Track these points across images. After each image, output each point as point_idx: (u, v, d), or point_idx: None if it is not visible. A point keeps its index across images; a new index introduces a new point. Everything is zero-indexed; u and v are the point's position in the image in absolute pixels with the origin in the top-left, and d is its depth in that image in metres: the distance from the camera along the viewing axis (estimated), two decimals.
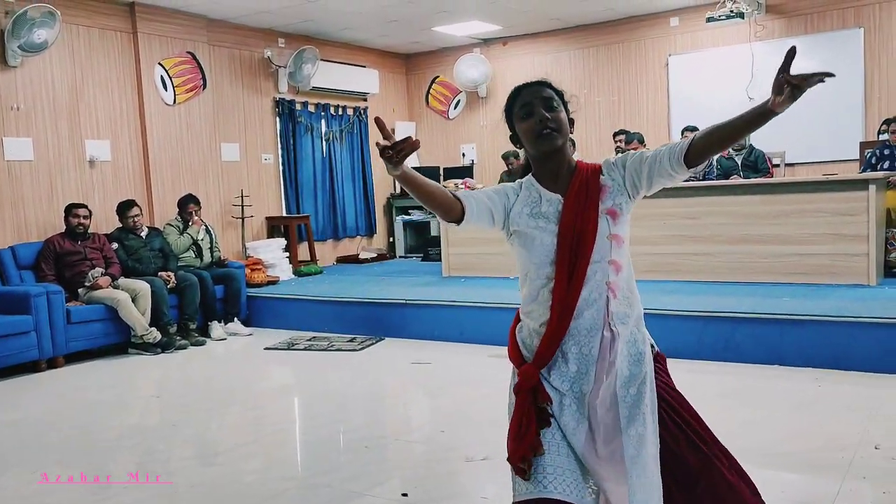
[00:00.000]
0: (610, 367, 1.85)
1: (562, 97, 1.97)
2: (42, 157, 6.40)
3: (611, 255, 1.86)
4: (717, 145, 1.84)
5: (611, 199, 1.89)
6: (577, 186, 1.90)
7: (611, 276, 1.86)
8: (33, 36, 5.99)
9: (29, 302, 5.41)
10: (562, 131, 1.91)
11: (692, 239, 6.14)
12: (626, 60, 8.87)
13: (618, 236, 1.88)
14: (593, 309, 1.85)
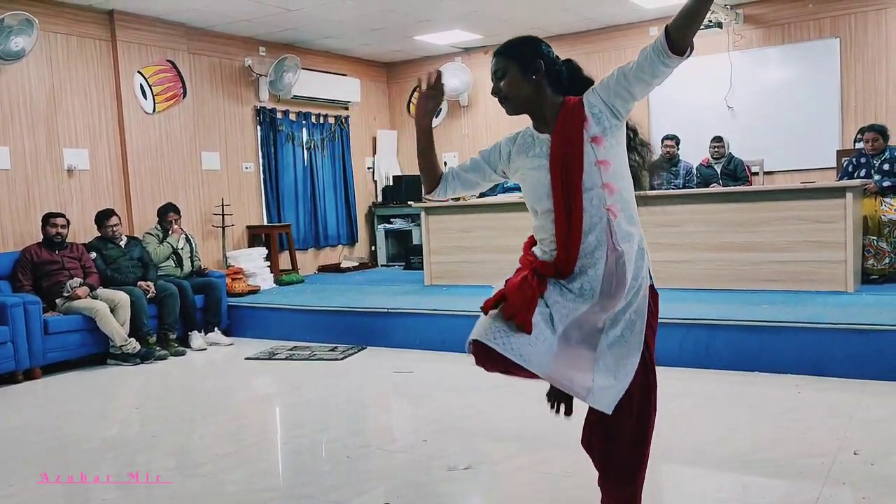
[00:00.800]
0: (616, 287, 2.06)
1: (517, 56, 2.17)
2: (19, 166, 6.33)
3: (602, 180, 2.03)
4: (691, 19, 1.95)
5: (595, 126, 2.06)
6: (562, 123, 2.09)
7: (607, 199, 2.04)
8: (10, 44, 5.93)
9: (5, 312, 5.34)
10: (510, 96, 2.17)
11: (672, 246, 6.18)
12: (606, 69, 8.80)
13: (605, 161, 2.03)
14: (596, 231, 2.04)
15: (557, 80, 2.20)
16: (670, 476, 3.25)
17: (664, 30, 1.94)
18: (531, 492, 3.04)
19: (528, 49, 2.19)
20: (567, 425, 3.86)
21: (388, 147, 10.38)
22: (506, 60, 2.18)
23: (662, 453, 3.41)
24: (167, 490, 3.28)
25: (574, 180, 2.03)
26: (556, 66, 2.21)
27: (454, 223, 7.15)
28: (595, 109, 2.08)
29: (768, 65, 8.08)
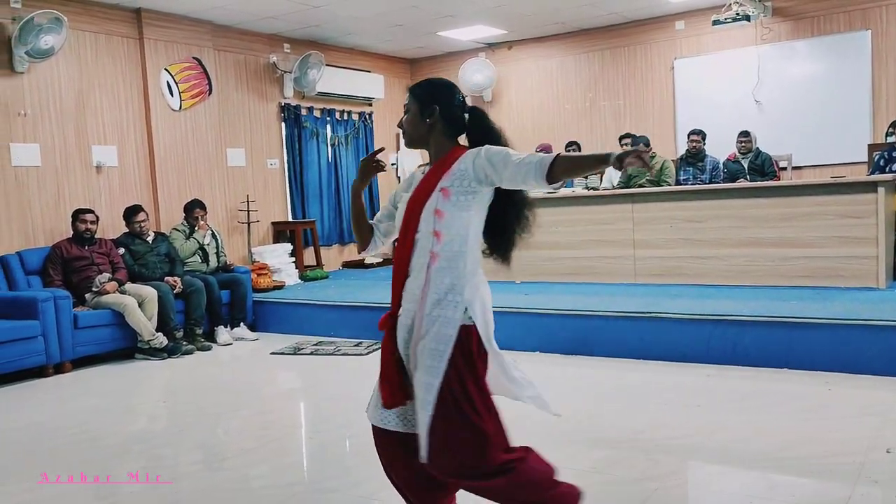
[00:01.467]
0: (423, 323, 2.17)
1: (419, 99, 2.33)
2: (49, 163, 6.42)
3: (433, 227, 2.17)
4: (573, 174, 2.17)
5: (450, 179, 2.19)
6: (436, 166, 2.25)
7: (433, 245, 2.18)
8: (40, 42, 6.00)
9: (36, 307, 5.42)
10: (407, 130, 2.35)
11: (698, 242, 6.12)
12: (632, 64, 8.87)
13: (440, 212, 2.17)
14: (418, 271, 2.20)
15: (453, 126, 2.31)
16: (697, 474, 3.22)
17: (553, 160, 2.07)
18: None
19: (430, 92, 2.34)
20: (593, 424, 3.85)
21: None
22: (411, 98, 2.36)
23: (690, 451, 3.38)
24: (194, 483, 3.31)
25: (414, 220, 2.21)
26: (453, 113, 2.31)
27: None
28: (462, 166, 2.20)
29: (797, 58, 7.96)
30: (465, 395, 2.17)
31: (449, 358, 2.14)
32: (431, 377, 2.14)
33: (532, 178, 2.10)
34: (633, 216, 6.37)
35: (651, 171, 1.85)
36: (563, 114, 9.35)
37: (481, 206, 2.22)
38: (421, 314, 2.18)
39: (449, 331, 2.15)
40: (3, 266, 5.85)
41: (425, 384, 2.14)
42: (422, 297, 2.18)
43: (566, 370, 5.00)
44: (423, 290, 2.18)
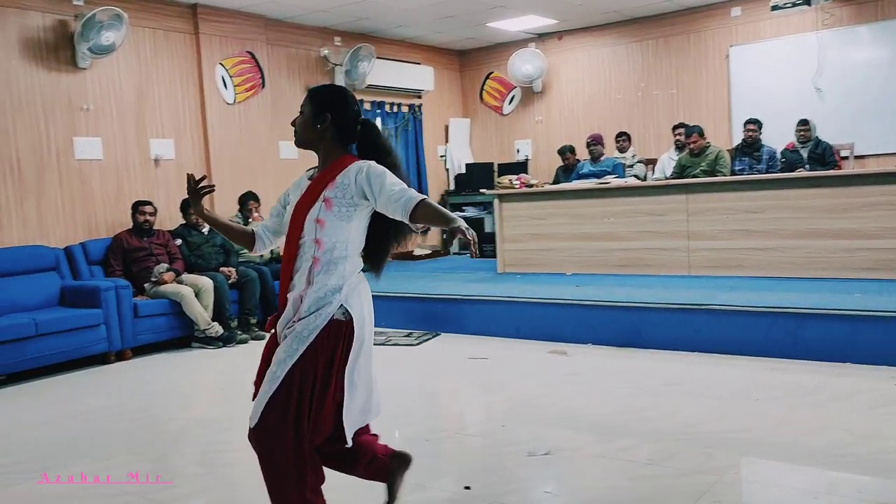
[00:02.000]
0: (293, 318, 2.30)
1: (315, 101, 2.40)
2: (110, 156, 6.59)
3: (315, 235, 2.29)
4: (430, 223, 2.24)
5: (334, 190, 2.29)
6: (320, 175, 2.36)
7: (315, 251, 2.30)
8: (101, 38, 6.16)
9: (99, 296, 5.58)
10: (298, 131, 2.43)
11: (756, 233, 5.98)
12: (685, 53, 8.70)
13: (322, 221, 2.29)
14: (301, 274, 2.31)
15: (344, 135, 2.40)
16: (757, 469, 3.15)
17: (416, 203, 2.18)
18: (614, 478, 2.99)
19: (326, 99, 2.41)
20: (647, 416, 3.80)
21: (460, 135, 10.38)
22: (307, 101, 2.43)
23: (749, 445, 3.32)
24: (246, 469, 3.37)
25: (297, 225, 2.32)
26: (345, 122, 2.39)
27: (528, 210, 7.09)
28: (346, 179, 2.30)
29: (860, 43, 7.71)
30: (308, 385, 2.27)
31: (310, 343, 2.25)
32: (288, 355, 2.26)
33: (398, 213, 2.22)
34: (688, 207, 6.26)
35: (473, 252, 1.94)
36: (615, 104, 9.23)
37: (362, 218, 2.34)
38: (300, 310, 2.29)
39: (319, 321, 2.26)
40: (67, 256, 6.04)
41: (280, 360, 2.26)
42: (304, 297, 2.29)
43: (619, 362, 4.95)
44: (306, 291, 2.30)
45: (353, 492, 2.77)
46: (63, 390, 4.99)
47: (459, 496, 2.89)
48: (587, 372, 4.76)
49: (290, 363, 2.26)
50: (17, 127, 5.98)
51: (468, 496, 2.88)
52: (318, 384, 2.29)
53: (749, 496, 2.87)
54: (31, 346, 5.14)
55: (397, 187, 2.23)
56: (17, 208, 5.98)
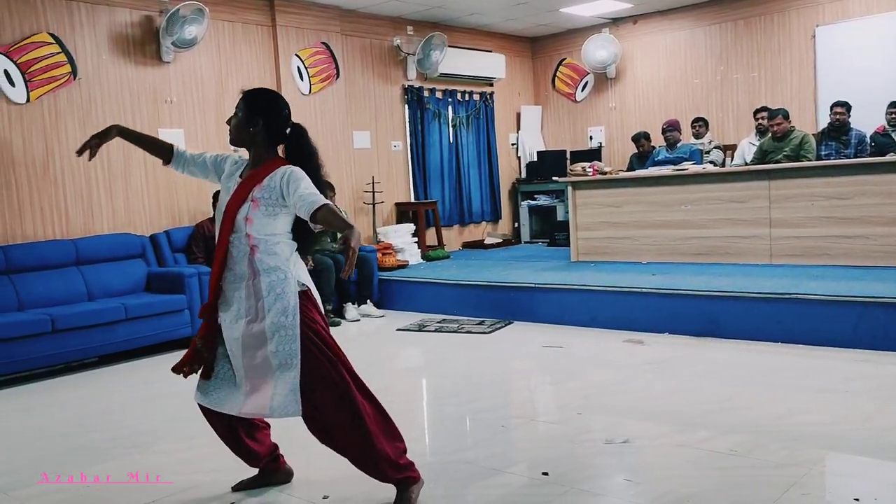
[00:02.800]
0: (256, 305, 2.53)
1: (249, 106, 2.61)
2: (192, 147, 6.74)
3: (246, 230, 2.52)
4: (328, 226, 2.44)
5: (261, 191, 2.52)
6: (251, 175, 2.57)
7: (248, 242, 2.52)
8: (185, 32, 6.36)
9: (183, 282, 5.78)
10: (232, 132, 2.64)
11: (843, 221, 5.74)
12: (768, 34, 8.39)
13: (250, 219, 2.52)
14: (241, 263, 2.54)
15: (274, 138, 2.62)
16: (847, 463, 3.04)
17: (318, 207, 2.41)
18: (695, 468, 2.93)
19: (258, 104, 2.61)
20: (729, 407, 3.71)
21: (532, 123, 10.30)
22: (241, 104, 2.63)
23: (838, 439, 3.20)
24: (319, 454, 3.44)
25: (228, 221, 2.54)
26: (276, 127, 2.62)
27: (602, 198, 6.99)
28: (271, 183, 2.53)
29: None
30: (320, 343, 2.55)
31: (299, 322, 2.51)
32: (289, 342, 2.51)
33: (303, 213, 2.45)
34: (770, 193, 6.05)
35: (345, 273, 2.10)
36: (692, 88, 8.99)
37: (287, 214, 2.57)
38: (260, 297, 2.52)
39: (291, 301, 2.52)
40: (153, 244, 6.28)
41: (284, 351, 2.51)
42: (257, 283, 2.52)
43: (697, 352, 4.84)
44: (257, 279, 2.52)
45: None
46: (150, 373, 5.20)
47: (537, 481, 2.88)
48: (664, 361, 4.67)
49: (296, 348, 2.51)
50: (108, 119, 6.23)
51: (546, 481, 2.87)
52: (326, 346, 2.56)
53: (837, 489, 2.77)
54: (121, 329, 5.38)
55: (308, 191, 2.46)
56: (107, 197, 6.24)
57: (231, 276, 2.58)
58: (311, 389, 2.53)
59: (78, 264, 5.76)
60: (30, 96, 5.78)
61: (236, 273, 2.57)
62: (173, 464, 3.33)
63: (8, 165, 5.69)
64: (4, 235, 5.65)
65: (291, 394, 2.52)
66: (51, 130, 5.91)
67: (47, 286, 5.49)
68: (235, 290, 2.57)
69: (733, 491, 2.69)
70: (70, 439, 3.77)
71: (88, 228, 6.09)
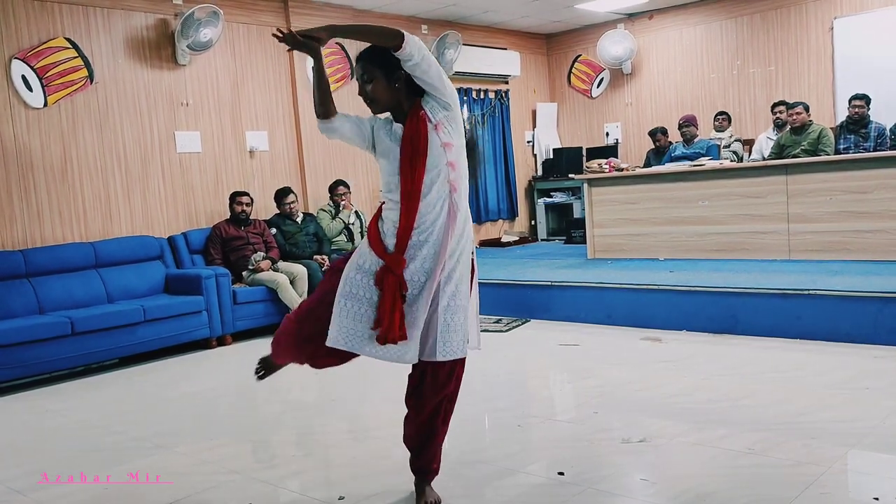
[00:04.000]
0: (449, 250, 2.46)
1: (379, 64, 2.47)
2: (208, 149, 6.86)
3: (447, 158, 2.42)
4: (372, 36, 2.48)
5: (432, 117, 2.43)
6: (411, 117, 2.44)
7: (450, 174, 2.43)
8: (200, 35, 6.41)
9: (200, 283, 5.83)
10: (376, 99, 2.50)
11: (862, 215, 5.68)
12: (785, 27, 8.31)
13: (449, 143, 2.43)
14: (437, 207, 2.43)
15: (411, 83, 2.47)
16: (867, 461, 3.01)
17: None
18: (713, 467, 2.91)
19: (387, 59, 2.44)
20: (746, 405, 3.68)
21: (547, 120, 10.27)
22: (371, 66, 2.49)
23: (857, 436, 3.16)
24: (340, 453, 3.46)
25: (420, 160, 2.39)
26: (405, 74, 2.47)
27: (619, 195, 6.96)
28: (428, 105, 2.45)
29: None
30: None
31: (470, 281, 2.57)
32: (465, 300, 2.54)
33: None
34: (788, 188, 5.99)
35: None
36: (709, 83, 8.92)
37: (460, 131, 2.49)
38: (447, 249, 2.45)
39: (469, 259, 2.56)
40: (171, 246, 6.33)
41: (463, 306, 2.53)
42: (447, 231, 2.44)
43: (715, 349, 4.81)
44: (448, 224, 2.44)
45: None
46: (169, 374, 5.25)
47: (553, 481, 2.88)
48: (682, 359, 4.64)
49: (469, 304, 2.58)
50: (124, 123, 6.30)
51: (562, 482, 2.86)
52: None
53: (858, 488, 2.74)
54: (140, 331, 5.43)
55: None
56: (125, 200, 6.30)
57: (422, 220, 2.43)
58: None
59: (97, 267, 5.83)
60: (47, 101, 5.85)
61: (429, 217, 2.43)
62: (192, 464, 3.36)
63: (27, 170, 5.76)
64: (24, 239, 5.72)
65: (471, 329, 2.62)
66: (68, 134, 5.98)
67: (67, 289, 5.55)
68: (425, 234, 2.44)
69: (751, 490, 2.67)
70: (91, 441, 3.82)
71: (107, 231, 6.16)
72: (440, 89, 2.43)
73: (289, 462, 3.39)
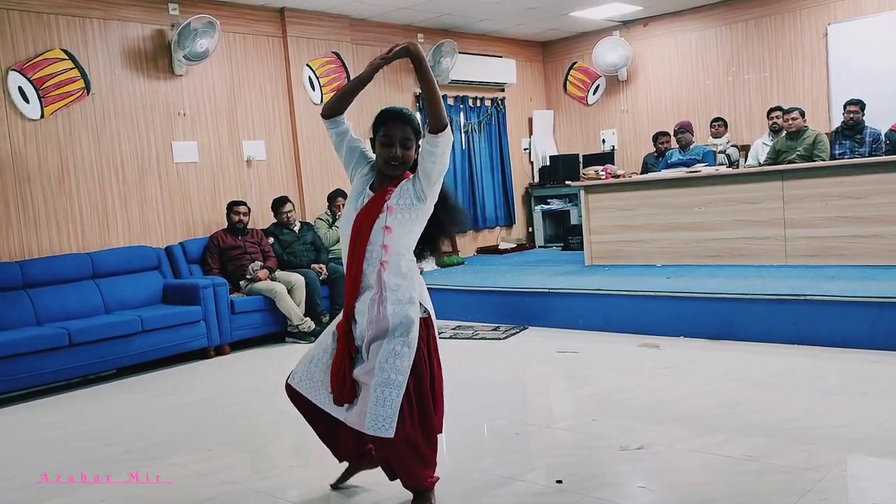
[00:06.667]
0: (377, 321, 2.52)
1: (418, 134, 2.59)
2: (206, 159, 6.86)
3: (383, 241, 2.52)
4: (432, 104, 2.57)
5: (395, 199, 2.53)
6: (384, 190, 2.56)
7: (382, 255, 2.53)
8: (196, 45, 6.42)
9: (198, 294, 5.83)
10: (405, 163, 2.58)
11: (858, 220, 5.70)
12: (779, 33, 8.34)
13: (389, 227, 2.52)
14: (371, 279, 2.54)
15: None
16: (864, 465, 3.01)
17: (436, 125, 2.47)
18: (711, 474, 2.91)
19: (420, 129, 2.59)
20: (744, 411, 3.68)
21: (544, 127, 10.29)
22: (413, 134, 2.58)
23: (854, 441, 3.17)
24: (336, 462, 3.45)
25: (364, 235, 2.53)
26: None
27: (615, 201, 6.97)
28: (404, 187, 2.55)
29: None
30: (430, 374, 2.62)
31: (415, 346, 2.53)
32: (400, 357, 2.51)
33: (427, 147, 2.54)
34: (784, 194, 6.01)
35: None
36: (704, 89, 8.95)
37: (418, 221, 2.59)
38: (383, 314, 2.51)
39: (414, 322, 2.54)
40: (168, 256, 6.33)
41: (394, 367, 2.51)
42: (383, 301, 2.52)
43: (712, 355, 4.81)
44: (381, 294, 2.52)
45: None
46: (166, 384, 5.24)
47: (551, 490, 2.87)
48: (679, 365, 4.65)
49: (407, 365, 2.51)
50: (121, 133, 6.30)
51: (560, 490, 2.86)
52: (425, 380, 2.59)
53: (856, 494, 2.74)
54: (138, 341, 5.43)
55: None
56: (122, 210, 6.30)
57: (362, 288, 2.56)
58: (402, 419, 2.52)
59: (94, 277, 5.82)
60: (44, 112, 5.86)
61: (364, 288, 2.56)
62: (189, 475, 3.35)
63: (24, 180, 5.76)
64: (21, 250, 5.72)
65: (384, 409, 2.51)
66: (65, 145, 5.98)
67: (64, 300, 5.55)
68: (362, 303, 2.56)
69: (749, 496, 2.67)
70: (87, 452, 3.81)
71: (104, 241, 6.16)
72: (432, 181, 2.53)
73: (288, 472, 3.38)
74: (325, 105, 2.71)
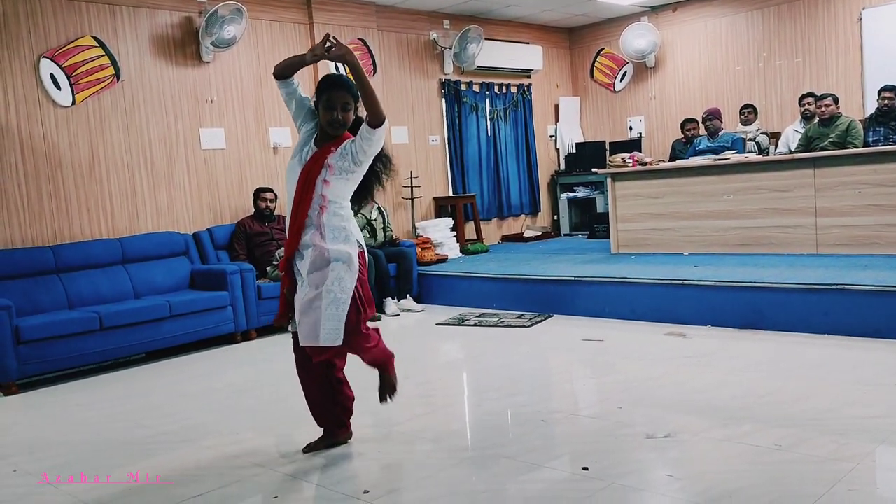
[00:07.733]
0: (319, 255, 2.98)
1: (356, 98, 3.03)
2: (233, 146, 6.91)
3: (323, 191, 2.99)
4: (368, 102, 3.01)
5: (336, 159, 3.00)
6: (326, 147, 3.02)
7: (323, 202, 2.99)
8: (224, 32, 6.45)
9: (225, 279, 5.88)
10: (345, 125, 3.05)
11: (892, 209, 5.60)
12: (812, 18, 8.18)
13: (328, 181, 3.00)
14: (314, 220, 3.00)
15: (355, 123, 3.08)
16: (894, 459, 2.97)
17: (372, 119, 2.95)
18: (738, 463, 2.89)
19: (354, 91, 3.03)
20: (773, 400, 3.64)
21: (570, 114, 10.22)
22: (352, 98, 3.03)
23: (887, 432, 3.12)
24: (365, 448, 3.47)
25: (310, 185, 2.99)
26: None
27: (642, 189, 6.91)
28: (344, 150, 3.01)
29: None
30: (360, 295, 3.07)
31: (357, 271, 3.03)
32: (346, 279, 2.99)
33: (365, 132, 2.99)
34: (816, 182, 5.92)
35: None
36: (734, 76, 8.82)
37: (352, 177, 3.07)
38: (322, 249, 2.97)
39: (353, 250, 3.03)
40: (196, 242, 6.40)
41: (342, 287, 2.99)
42: (319, 238, 2.99)
43: (740, 345, 4.76)
44: (316, 234, 2.99)
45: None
46: (194, 369, 5.31)
47: (577, 476, 2.87)
48: (707, 354, 4.61)
49: (349, 287, 2.99)
50: (150, 120, 6.37)
51: (586, 476, 2.85)
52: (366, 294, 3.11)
53: (887, 485, 2.70)
54: (166, 326, 5.49)
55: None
56: (151, 196, 6.37)
57: (305, 229, 3.00)
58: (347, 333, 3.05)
59: (124, 262, 5.90)
60: (75, 99, 5.93)
61: (307, 228, 2.99)
62: (219, 458, 3.39)
63: (55, 167, 5.84)
64: (53, 236, 5.81)
65: (333, 322, 2.99)
66: (96, 132, 6.06)
67: (95, 284, 5.63)
68: (304, 242, 3.01)
69: (777, 486, 2.65)
70: (119, 434, 3.87)
71: (133, 227, 6.23)
72: (368, 155, 3.00)
73: (313, 456, 3.41)
74: (276, 68, 3.17)
